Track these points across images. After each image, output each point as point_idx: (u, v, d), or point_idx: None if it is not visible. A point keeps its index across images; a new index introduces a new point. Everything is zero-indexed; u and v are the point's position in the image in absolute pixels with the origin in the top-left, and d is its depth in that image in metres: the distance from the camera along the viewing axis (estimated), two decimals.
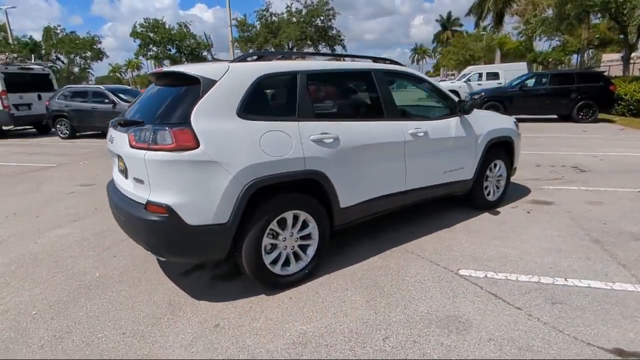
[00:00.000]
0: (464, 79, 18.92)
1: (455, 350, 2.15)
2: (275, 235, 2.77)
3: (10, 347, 2.31)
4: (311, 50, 25.69)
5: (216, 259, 2.70)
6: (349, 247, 3.52)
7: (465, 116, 3.94)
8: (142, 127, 2.48)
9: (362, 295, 2.74)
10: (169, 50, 28.39)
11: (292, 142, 2.69)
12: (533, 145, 8.19)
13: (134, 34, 28.52)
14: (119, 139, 2.71)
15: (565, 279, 2.85)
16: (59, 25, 34.87)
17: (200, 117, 2.44)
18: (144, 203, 2.47)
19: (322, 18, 23.83)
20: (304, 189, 2.84)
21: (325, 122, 2.91)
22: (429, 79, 3.91)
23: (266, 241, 2.70)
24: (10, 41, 33.71)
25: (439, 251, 3.39)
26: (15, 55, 16.35)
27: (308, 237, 2.94)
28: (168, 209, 2.39)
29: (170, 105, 2.54)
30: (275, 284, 2.81)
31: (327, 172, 2.86)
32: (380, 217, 3.99)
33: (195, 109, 2.45)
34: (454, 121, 3.82)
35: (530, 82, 12.39)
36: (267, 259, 2.73)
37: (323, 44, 24.83)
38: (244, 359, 2.14)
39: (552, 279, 2.86)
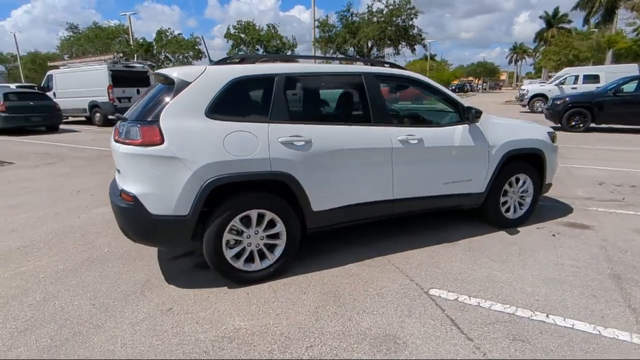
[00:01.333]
0: (556, 82, 16.94)
1: None
2: (239, 232, 2.88)
3: (9, 303, 2.77)
4: (390, 50, 25.32)
5: (179, 248, 2.89)
6: (333, 251, 3.49)
7: (477, 124, 3.61)
8: (123, 123, 2.78)
9: (315, 301, 2.72)
10: (257, 50, 30.26)
11: (258, 143, 2.77)
12: (608, 160, 7.11)
13: (228, 35, 30.97)
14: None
15: (547, 315, 2.49)
16: (169, 28, 39.35)
17: (169, 116, 2.65)
18: (119, 191, 2.76)
19: (403, 17, 23.21)
20: (273, 189, 2.90)
21: (299, 125, 2.93)
22: (434, 84, 3.65)
23: (228, 236, 2.83)
24: (131, 42, 38.88)
25: (422, 266, 3.19)
26: (121, 55, 18.88)
27: (276, 236, 3.00)
28: (134, 198, 2.64)
29: (150, 103, 2.79)
30: (237, 278, 2.92)
31: (296, 175, 2.88)
32: (377, 225, 3.90)
33: (166, 107, 2.67)
34: (459, 129, 3.53)
35: (630, 87, 10.64)
36: (229, 254, 2.85)
37: (403, 43, 24.20)
38: (161, 344, 2.30)
39: (530, 313, 2.52)
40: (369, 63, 3.52)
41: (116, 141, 2.77)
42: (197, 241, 2.83)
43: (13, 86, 20.39)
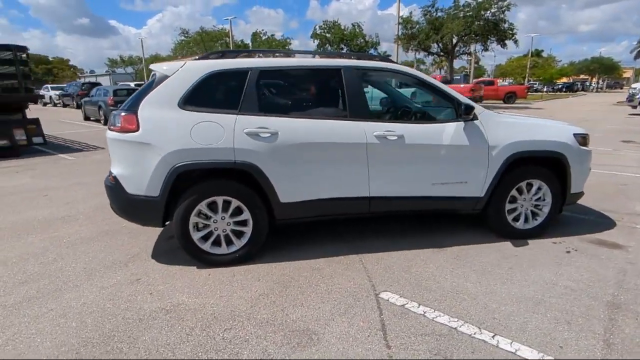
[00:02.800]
0: None
1: None
2: (207, 216, 3.07)
3: (29, 259, 3.35)
4: (478, 46, 23.53)
5: (153, 225, 3.17)
6: (313, 244, 3.50)
7: (476, 122, 3.29)
8: (113, 111, 3.15)
9: (263, 289, 2.78)
10: (342, 48, 30.64)
11: (224, 134, 2.92)
12: None
13: (314, 35, 31.88)
14: None
15: (493, 336, 2.21)
16: (262, 29, 41.93)
17: (147, 106, 2.94)
18: (109, 172, 3.15)
19: (493, 11, 21.34)
20: (240, 178, 3.03)
21: (266, 117, 3.01)
22: (427, 78, 3.39)
23: (195, 219, 3.04)
24: (230, 44, 42.37)
25: (391, 268, 3.04)
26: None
27: (243, 223, 3.12)
28: (115, 178, 3.00)
29: (137, 94, 3.12)
30: (203, 260, 3.12)
31: (261, 166, 2.97)
32: (368, 222, 3.82)
33: (145, 98, 2.97)
34: (451, 127, 3.25)
35: None
36: (196, 235, 3.06)
37: (492, 38, 22.23)
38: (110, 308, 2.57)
39: (475, 330, 2.26)
40: (355, 57, 3.43)
41: (108, 128, 3.16)
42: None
43: (132, 84, 23.68)
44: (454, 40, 22.82)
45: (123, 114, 2.95)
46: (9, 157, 8.43)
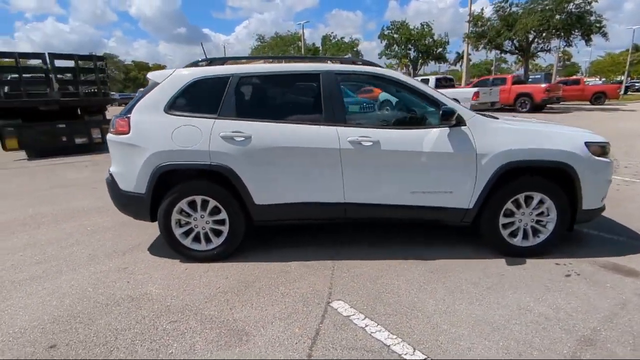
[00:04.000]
0: None
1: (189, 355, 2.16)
2: (188, 214, 3.26)
3: (53, 244, 3.85)
4: (558, 42, 21.26)
5: (144, 220, 3.44)
6: (292, 246, 3.53)
7: (463, 128, 3.06)
8: (114, 116, 3.48)
9: (225, 286, 2.89)
10: (409, 49, 29.88)
11: (201, 137, 3.09)
12: None
13: (382, 36, 31.51)
14: None
15: (426, 358, 2.07)
16: (332, 32, 42.63)
17: (138, 111, 3.23)
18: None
19: (576, 2, 19.07)
20: (218, 179, 3.18)
21: (241, 121, 3.11)
22: (409, 81, 3.20)
23: (177, 216, 3.25)
24: (302, 48, 43.68)
25: (357, 277, 2.96)
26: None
27: (221, 222, 3.27)
28: (111, 175, 3.33)
29: (134, 100, 3.41)
30: (184, 254, 3.32)
31: (235, 168, 3.09)
32: (356, 229, 3.77)
33: (138, 104, 3.26)
34: (434, 133, 3.05)
35: None
36: (178, 231, 3.27)
37: (576, 33, 19.87)
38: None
39: (408, 350, 2.13)
40: (339, 61, 3.38)
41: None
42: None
43: None
44: (530, 37, 20.94)
45: (119, 118, 3.27)
46: (85, 153, 9.69)
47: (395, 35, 30.56)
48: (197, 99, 3.23)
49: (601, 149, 3.12)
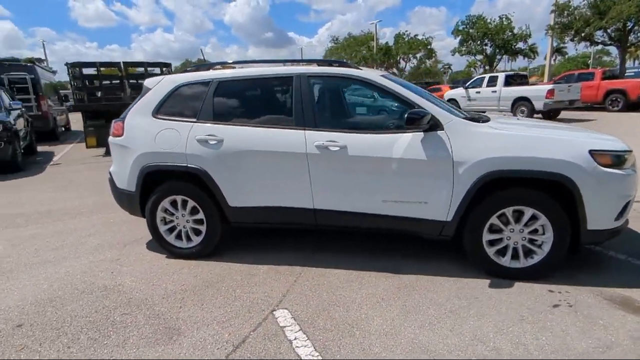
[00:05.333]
0: None
1: (118, 350, 2.27)
2: (171, 213, 3.43)
3: (75, 232, 4.32)
4: None
5: (137, 215, 3.67)
6: (272, 249, 3.52)
7: (439, 132, 2.77)
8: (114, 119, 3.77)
9: (190, 285, 2.98)
10: (485, 44, 27.77)
11: (179, 140, 3.23)
12: None
13: (456, 31, 29.77)
14: None
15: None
16: (406, 31, 41.39)
17: (132, 115, 3.48)
18: None
19: None
20: (195, 181, 3.29)
21: (215, 125, 3.19)
22: (385, 83, 2.95)
23: (161, 214, 3.43)
24: (374, 47, 43.22)
25: (318, 287, 2.86)
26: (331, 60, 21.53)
27: (201, 222, 3.38)
28: (111, 175, 3.63)
29: (131, 106, 3.66)
30: (168, 250, 3.50)
31: (210, 170, 3.18)
32: (342, 236, 3.70)
33: (132, 109, 3.51)
34: (406, 138, 2.81)
35: None
36: (162, 228, 3.46)
37: None
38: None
39: None
40: (316, 64, 3.26)
41: None
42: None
43: None
44: (629, 25, 18.15)
45: (116, 122, 3.55)
46: None
47: (470, 31, 28.66)
48: (181, 103, 3.38)
49: (613, 159, 2.61)
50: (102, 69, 10.97)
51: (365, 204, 2.97)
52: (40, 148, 11.36)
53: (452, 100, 17.62)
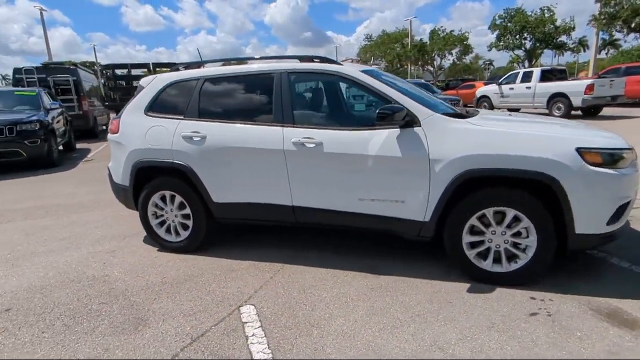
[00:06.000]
0: None
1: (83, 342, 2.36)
2: (161, 207, 3.53)
3: (86, 224, 4.56)
4: None
5: (133, 209, 3.79)
6: (259, 245, 3.54)
7: (416, 129, 2.67)
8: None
9: (171, 278, 3.05)
10: (524, 38, 26.37)
11: (167, 136, 3.32)
12: None
13: (493, 26, 28.52)
14: None
15: None
16: (442, 26, 40.34)
17: (127, 113, 3.61)
18: None
19: None
20: (181, 176, 3.37)
21: (202, 122, 3.24)
22: (363, 78, 2.85)
23: (152, 209, 3.54)
24: (408, 44, 42.42)
25: (291, 284, 2.84)
26: (359, 59, 21.32)
27: (188, 217, 3.46)
28: (109, 170, 3.79)
29: (127, 104, 3.80)
30: (159, 244, 3.61)
31: (194, 167, 3.24)
32: (330, 234, 3.67)
33: (127, 107, 3.65)
34: (382, 134, 2.72)
35: None
36: (153, 222, 3.57)
37: None
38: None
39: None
40: (299, 60, 3.22)
41: None
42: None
43: None
44: None
45: (114, 119, 3.70)
46: None
47: (508, 24, 27.35)
48: (170, 101, 3.46)
49: (604, 158, 2.40)
50: (132, 70, 11.51)
51: (342, 202, 2.91)
52: (79, 145, 12.07)
53: (484, 98, 16.95)
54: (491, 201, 2.56)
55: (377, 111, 2.61)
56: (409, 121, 2.67)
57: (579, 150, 2.39)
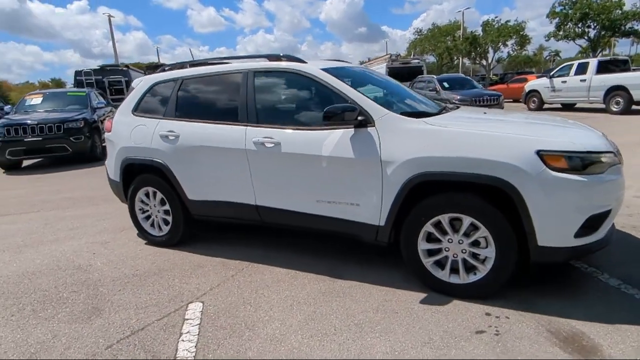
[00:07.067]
0: None
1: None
2: (146, 203, 3.70)
3: (87, 217, 4.89)
4: None
5: (125, 203, 3.99)
6: (237, 244, 3.58)
7: (369, 129, 2.54)
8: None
9: (141, 271, 3.18)
10: (588, 26, 23.99)
11: (148, 135, 3.46)
12: None
13: (552, 14, 26.29)
14: None
15: None
16: (496, 17, 37.97)
17: (118, 113, 3.82)
18: None
19: None
20: (160, 174, 3.49)
21: (177, 121, 3.34)
22: (323, 77, 2.74)
23: (139, 204, 3.72)
24: (460, 37, 40.55)
25: (249, 284, 2.85)
26: (399, 53, 20.68)
27: (168, 213, 3.59)
28: (105, 165, 4.04)
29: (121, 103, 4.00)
30: (145, 237, 3.78)
31: (170, 165, 3.35)
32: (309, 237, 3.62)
33: (120, 107, 3.85)
34: (336, 134, 2.62)
35: None
36: (140, 216, 3.75)
37: None
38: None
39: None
40: (267, 59, 3.19)
41: None
42: None
43: None
44: None
45: (109, 119, 3.93)
46: None
47: (569, 12, 25.09)
48: (153, 101, 3.60)
49: (570, 162, 2.13)
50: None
51: (301, 203, 2.86)
52: None
53: (533, 92, 15.76)
54: (446, 207, 2.38)
55: (324, 111, 2.53)
56: (363, 121, 2.55)
57: (540, 153, 2.15)
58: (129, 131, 3.58)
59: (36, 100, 10.66)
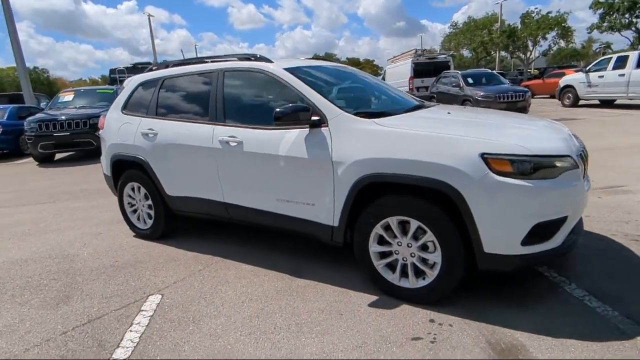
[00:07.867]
0: None
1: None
2: (133, 197, 3.87)
3: (91, 210, 5.16)
4: None
5: (117, 196, 4.18)
6: (219, 241, 3.67)
7: (322, 129, 2.53)
8: None
9: (120, 262, 3.34)
10: (636, 16, 22.22)
11: (132, 132, 3.61)
12: None
13: (595, 4, 24.61)
14: None
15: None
16: (536, 7, 36.06)
17: (110, 111, 4.00)
18: None
19: None
20: (142, 170, 3.63)
21: (156, 120, 3.46)
22: (285, 77, 2.73)
23: (127, 199, 3.90)
24: (497, 30, 38.95)
25: (208, 279, 2.93)
26: (424, 49, 20.09)
27: (151, 207, 3.74)
28: (101, 162, 4.25)
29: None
30: (134, 231, 3.96)
31: (150, 161, 3.49)
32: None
33: (112, 105, 4.04)
34: (292, 134, 2.62)
35: None
36: (128, 210, 3.93)
37: None
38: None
39: (120, 354, 2.10)
40: (238, 59, 3.22)
41: None
42: None
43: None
44: None
45: (102, 116, 4.13)
46: None
47: (615, 1, 23.40)
48: (139, 100, 3.74)
49: (517, 166, 2.02)
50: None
51: (262, 202, 2.90)
52: None
53: (568, 88, 14.89)
54: (394, 210, 2.33)
55: (274, 111, 2.53)
56: (318, 121, 2.54)
57: (484, 156, 2.05)
58: (117, 129, 3.75)
59: (68, 97, 11.33)
